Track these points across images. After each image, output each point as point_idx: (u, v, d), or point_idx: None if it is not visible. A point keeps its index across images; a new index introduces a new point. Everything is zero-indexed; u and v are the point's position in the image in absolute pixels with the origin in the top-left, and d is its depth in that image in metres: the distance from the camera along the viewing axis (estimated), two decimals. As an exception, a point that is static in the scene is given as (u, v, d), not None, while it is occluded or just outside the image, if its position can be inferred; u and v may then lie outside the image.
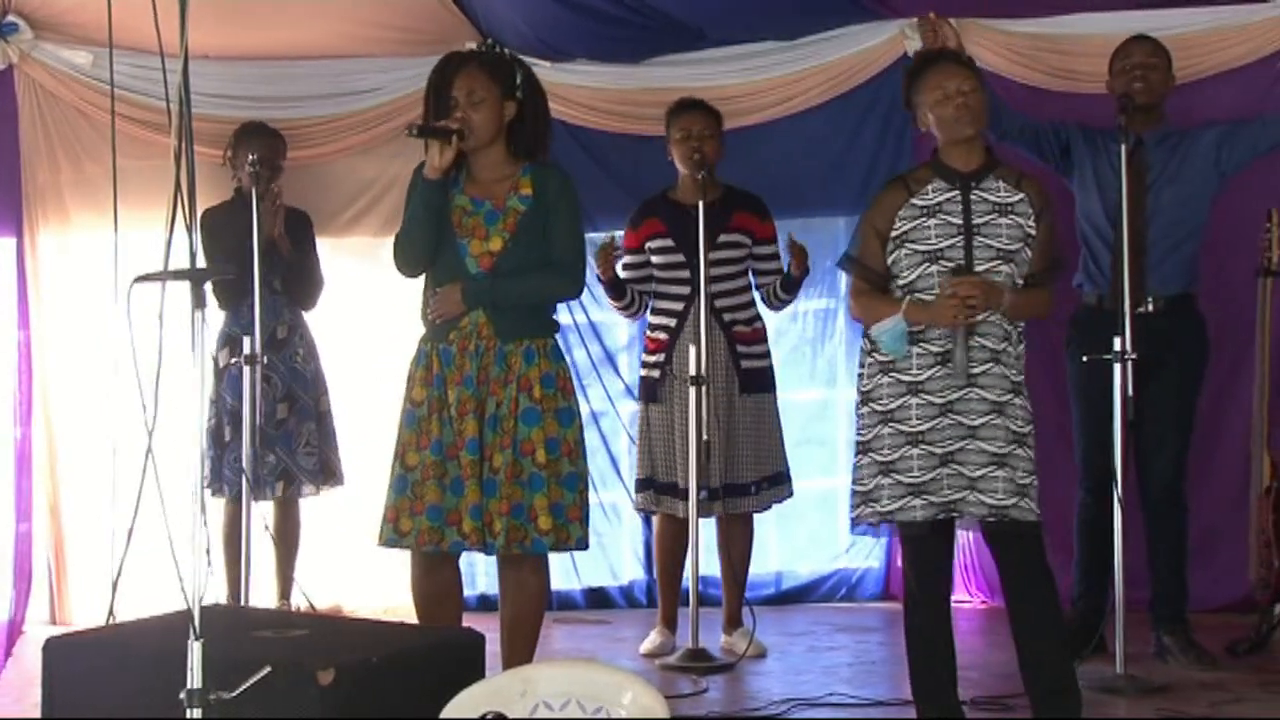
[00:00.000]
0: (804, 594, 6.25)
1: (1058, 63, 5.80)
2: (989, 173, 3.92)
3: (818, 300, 6.19)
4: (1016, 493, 3.83)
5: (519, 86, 4.12)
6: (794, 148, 6.15)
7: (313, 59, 6.03)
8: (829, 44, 6.08)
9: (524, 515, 4.01)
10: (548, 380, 4.08)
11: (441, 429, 4.05)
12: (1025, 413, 3.89)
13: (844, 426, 6.29)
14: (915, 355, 3.87)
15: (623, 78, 6.14)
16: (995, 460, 3.82)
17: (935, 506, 3.82)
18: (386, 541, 4.09)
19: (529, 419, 4.03)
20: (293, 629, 3.62)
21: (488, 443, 4.03)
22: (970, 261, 3.86)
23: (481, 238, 4.09)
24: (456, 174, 4.15)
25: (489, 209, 4.11)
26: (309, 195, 5.85)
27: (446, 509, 4.02)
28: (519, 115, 4.13)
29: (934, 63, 4.01)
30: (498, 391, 4.04)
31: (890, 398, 3.88)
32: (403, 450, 4.10)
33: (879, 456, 3.87)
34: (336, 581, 5.93)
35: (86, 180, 5.80)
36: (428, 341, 4.15)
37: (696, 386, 5.04)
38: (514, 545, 4.01)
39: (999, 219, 3.90)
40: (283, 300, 5.52)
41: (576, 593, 6.20)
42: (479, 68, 4.10)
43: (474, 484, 4.00)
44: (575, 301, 6.09)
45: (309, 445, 5.57)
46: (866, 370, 3.97)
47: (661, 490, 5.30)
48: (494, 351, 4.06)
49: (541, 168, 4.16)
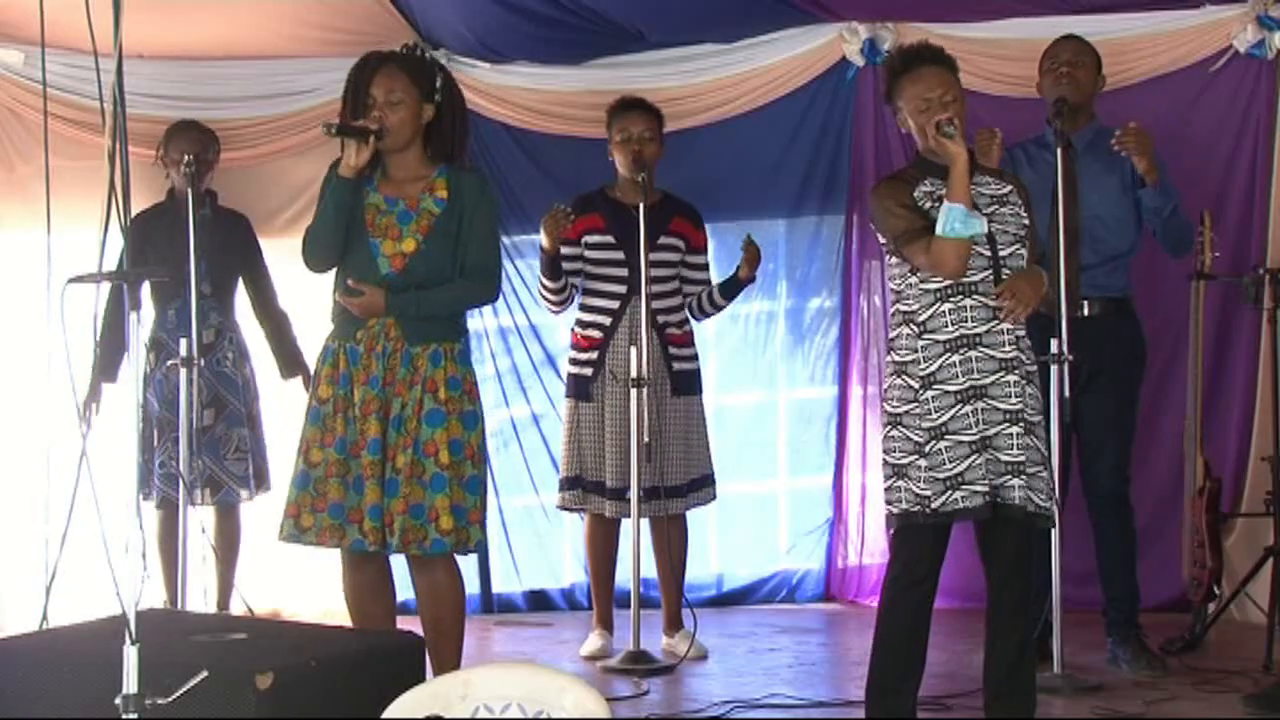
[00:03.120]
0: (744, 596, 6.27)
1: (992, 67, 5.85)
2: (973, 171, 3.92)
3: (759, 303, 6.21)
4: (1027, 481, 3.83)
5: (438, 89, 4.13)
6: (733, 150, 6.17)
7: (249, 59, 5.99)
8: (768, 47, 6.10)
9: (424, 516, 4.00)
10: (453, 383, 4.07)
11: (345, 427, 4.04)
12: (1035, 400, 3.90)
13: (784, 429, 6.32)
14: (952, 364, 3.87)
15: (562, 79, 6.14)
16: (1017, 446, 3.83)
17: (980, 495, 3.81)
18: (287, 536, 4.08)
19: (433, 420, 4.02)
20: (231, 633, 3.58)
21: (391, 443, 4.02)
22: (995, 246, 3.87)
23: (395, 238, 4.08)
24: (371, 173, 4.14)
25: (402, 209, 4.11)
26: (245, 197, 5.80)
27: (348, 507, 4.02)
28: (437, 118, 4.14)
29: (916, 66, 3.95)
30: (403, 393, 4.03)
31: (938, 409, 3.85)
32: (306, 447, 4.08)
33: (929, 463, 3.83)
34: (275, 586, 5.88)
35: (18, 180, 5.73)
36: (335, 339, 4.13)
37: (638, 388, 5.03)
38: (411, 545, 4.00)
39: (1001, 209, 3.93)
40: (210, 304, 5.44)
41: (517, 595, 6.19)
42: (398, 68, 4.11)
43: (374, 484, 3.99)
44: (515, 303, 6.12)
45: (238, 451, 5.48)
46: (896, 393, 3.93)
47: (589, 489, 5.30)
48: (401, 353, 4.05)
49: (458, 171, 4.16)
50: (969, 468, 3.79)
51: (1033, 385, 3.90)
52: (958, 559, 4.16)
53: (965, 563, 4.41)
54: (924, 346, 3.87)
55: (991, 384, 3.83)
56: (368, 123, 4.04)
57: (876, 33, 5.99)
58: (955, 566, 4.21)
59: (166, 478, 5.30)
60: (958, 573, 4.69)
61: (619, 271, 5.26)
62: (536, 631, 5.84)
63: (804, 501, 6.30)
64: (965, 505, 3.79)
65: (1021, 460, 3.82)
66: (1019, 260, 3.91)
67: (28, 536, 5.56)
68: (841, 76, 6.12)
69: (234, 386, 5.50)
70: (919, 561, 3.90)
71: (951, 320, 3.85)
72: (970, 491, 3.79)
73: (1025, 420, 3.85)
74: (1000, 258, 3.88)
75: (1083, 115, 5.05)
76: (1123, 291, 5.08)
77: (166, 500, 5.32)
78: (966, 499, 3.79)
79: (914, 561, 3.91)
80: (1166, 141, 5.15)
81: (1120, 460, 5.04)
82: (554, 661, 5.15)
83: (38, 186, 5.39)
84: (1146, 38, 5.75)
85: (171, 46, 5.74)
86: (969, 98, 5.69)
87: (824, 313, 6.26)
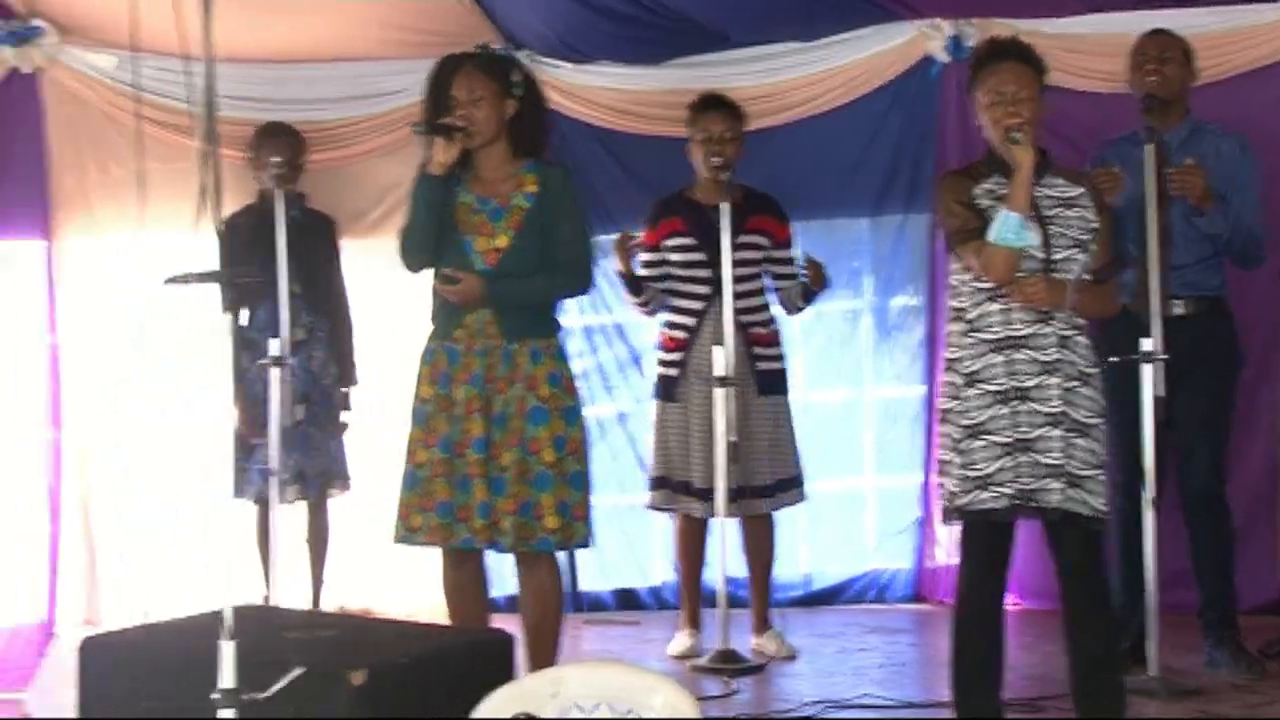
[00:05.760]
0: (833, 595, 6.22)
1: (1080, 63, 5.77)
2: (1046, 171, 3.89)
3: (844, 300, 6.17)
4: (1072, 483, 3.79)
5: (516, 85, 4.18)
6: (815, 149, 6.13)
7: (335, 61, 6.03)
8: (850, 45, 6.06)
9: (531, 513, 4.04)
10: (554, 379, 4.12)
11: (449, 426, 4.08)
12: (1091, 403, 3.84)
13: (870, 427, 6.28)
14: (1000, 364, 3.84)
15: (644, 79, 6.14)
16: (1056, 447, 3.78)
17: (1006, 497, 3.79)
18: (400, 538, 4.14)
19: (536, 418, 4.07)
20: (323, 630, 3.62)
21: (495, 441, 4.06)
22: (1049, 249, 3.83)
23: (487, 235, 4.14)
24: (461, 173, 4.19)
25: (494, 206, 4.16)
26: (332, 198, 5.86)
27: (456, 505, 4.06)
28: (519, 113, 4.18)
29: (997, 59, 3.93)
30: (504, 390, 4.08)
31: (978, 409, 3.83)
32: (412, 447, 4.14)
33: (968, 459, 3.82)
34: (367, 583, 5.92)
35: (112, 183, 5.81)
36: (435, 339, 4.19)
37: (723, 388, 5.02)
38: (522, 543, 4.05)
39: (1066, 212, 3.88)
40: (300, 303, 5.47)
41: (606, 594, 6.19)
42: (475, 68, 4.17)
43: (481, 482, 4.03)
44: (601, 302, 6.12)
45: (319, 449, 5.51)
46: (945, 389, 3.93)
47: (676, 489, 5.30)
48: (500, 351, 4.10)
49: (544, 165, 4.22)
50: (999, 469, 3.77)
51: (1089, 387, 3.85)
52: (1045, 560, 4.12)
53: (1053, 564, 4.35)
54: (971, 344, 3.86)
55: (1034, 387, 3.79)
56: (454, 120, 4.09)
57: (960, 29, 5.93)
58: (1044, 567, 4.17)
59: (260, 475, 5.35)
60: (1046, 574, 4.63)
61: (702, 273, 5.26)
62: (624, 630, 5.85)
63: (892, 501, 6.25)
64: (990, 506, 3.78)
65: (1060, 464, 3.77)
66: (1073, 265, 3.85)
67: (128, 532, 5.66)
68: (925, 74, 6.07)
69: (321, 387, 5.55)
70: (982, 561, 3.89)
71: (999, 320, 3.83)
72: (998, 493, 3.77)
73: (1073, 422, 3.80)
74: (1053, 261, 3.84)
75: (1175, 111, 4.97)
76: (1217, 291, 4.99)
77: (262, 497, 5.38)
78: (994, 500, 3.77)
79: (977, 561, 3.90)
80: (1266, 135, 5.05)
81: (1214, 460, 4.96)
82: (641, 660, 5.15)
83: (132, 190, 5.53)
84: (1242, 30, 5.65)
85: (260, 49, 5.80)
86: (1057, 95, 5.66)
87: (910, 311, 6.22)
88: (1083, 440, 3.81)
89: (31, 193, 5.76)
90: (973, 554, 3.90)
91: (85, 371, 5.82)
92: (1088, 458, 3.81)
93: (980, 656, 3.89)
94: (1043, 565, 4.14)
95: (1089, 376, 3.86)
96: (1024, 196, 3.76)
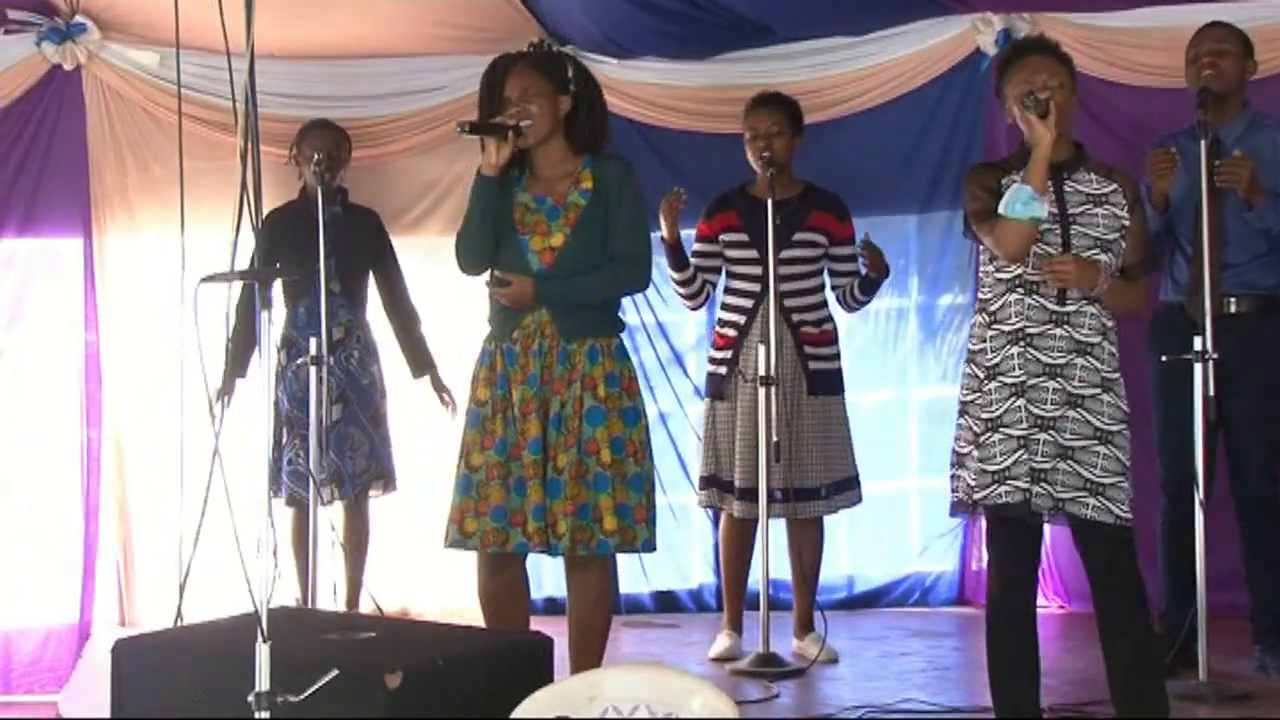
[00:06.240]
0: (876, 598, 6.20)
1: (1135, 57, 5.71)
2: (1079, 165, 3.86)
3: (889, 299, 6.12)
4: (1089, 490, 3.75)
5: (571, 80, 4.15)
6: (863, 145, 6.10)
7: (377, 57, 6.04)
8: (898, 39, 6.02)
9: (589, 516, 4.00)
10: (612, 379, 4.08)
11: (505, 429, 4.05)
12: (1114, 409, 3.80)
13: (915, 428, 6.24)
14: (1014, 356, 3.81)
15: (690, 75, 6.12)
16: (1061, 453, 3.75)
17: (1021, 492, 3.75)
18: (452, 543, 4.10)
19: (593, 418, 4.03)
20: (360, 632, 3.61)
21: (552, 442, 4.03)
22: (1068, 248, 3.80)
23: (543, 234, 4.11)
24: (519, 173, 4.16)
25: (550, 205, 4.13)
26: (374, 195, 5.86)
27: (511, 509, 4.02)
28: (574, 110, 4.15)
29: (1023, 54, 3.92)
30: (561, 391, 4.04)
31: (995, 401, 3.79)
32: (467, 450, 4.10)
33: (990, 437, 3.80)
34: (403, 585, 5.93)
35: (153, 182, 5.84)
36: (492, 341, 4.16)
37: (765, 387, 4.99)
38: (579, 546, 4.00)
39: (1094, 209, 3.84)
40: (339, 301, 5.48)
41: (645, 596, 6.18)
42: (529, 66, 4.14)
43: (537, 484, 4.00)
44: (643, 301, 6.10)
45: (353, 449, 5.48)
46: (965, 381, 3.91)
47: (724, 488, 5.27)
48: (557, 350, 4.06)
49: (602, 160, 4.18)
50: (1014, 462, 3.74)
51: (1110, 393, 3.80)
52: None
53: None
54: (991, 337, 3.84)
55: (1033, 386, 3.76)
56: (505, 119, 4.05)
57: (1012, 23, 5.86)
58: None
59: (295, 475, 5.36)
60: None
61: (753, 270, 5.22)
62: (664, 632, 5.83)
63: (936, 503, 6.16)
64: (1006, 500, 3.75)
65: (1044, 468, 3.72)
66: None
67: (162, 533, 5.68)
68: (974, 69, 6.02)
69: (357, 385, 5.53)
70: (1008, 562, 3.86)
71: (1015, 312, 3.80)
72: (1013, 487, 3.74)
73: (1095, 430, 3.75)
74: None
75: (1232, 106, 4.90)
76: (1272, 289, 4.91)
77: (295, 498, 5.39)
78: (1009, 494, 3.74)
79: (1004, 562, 3.87)
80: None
81: (1269, 461, 4.89)
82: (682, 663, 5.13)
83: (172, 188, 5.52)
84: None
85: (302, 46, 5.82)
86: (1110, 90, 5.69)
87: (956, 309, 6.17)
88: (1104, 448, 3.77)
89: (71, 190, 5.80)
90: (998, 552, 3.88)
91: (124, 371, 5.86)
92: (1111, 465, 3.77)
93: (1011, 655, 3.86)
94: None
95: (1112, 383, 3.82)
96: (1040, 172, 3.73)
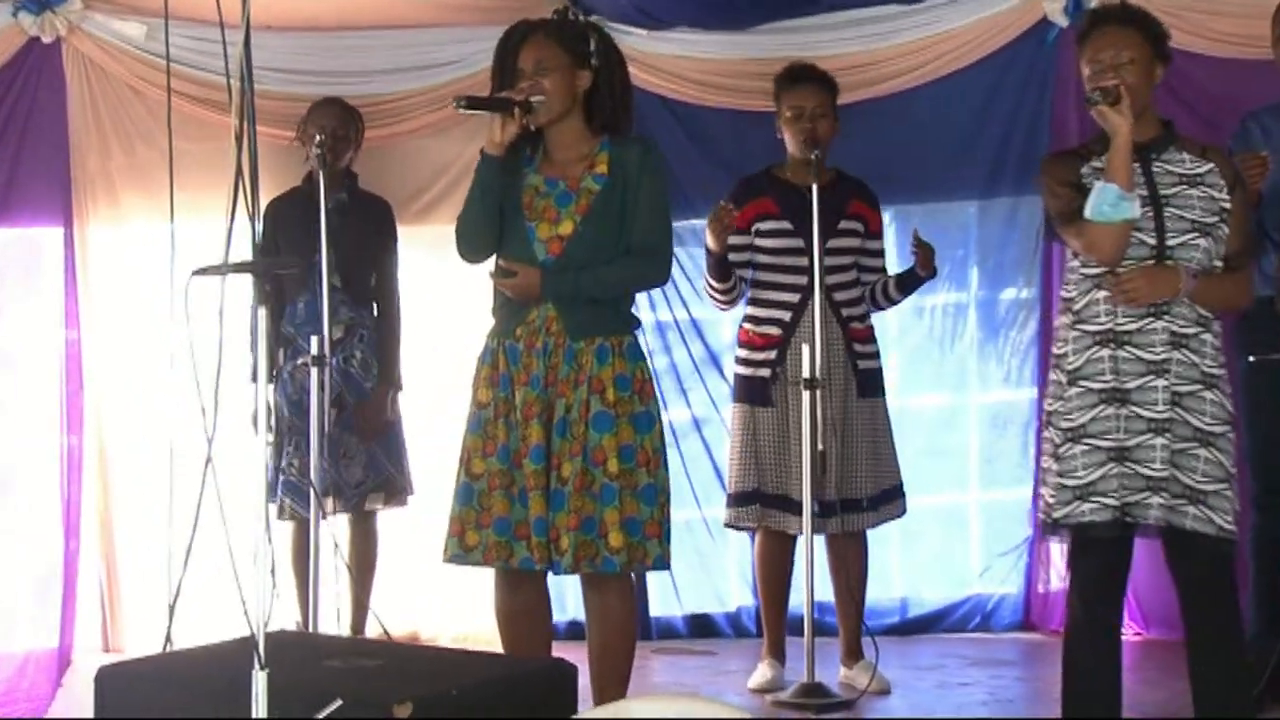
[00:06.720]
0: (932, 623, 6.19)
1: (1216, 26, 5.68)
2: (1169, 144, 3.84)
3: (946, 294, 6.12)
4: (1189, 498, 3.74)
5: (593, 54, 4.13)
6: (917, 124, 6.09)
7: (385, 29, 6.03)
8: (957, 8, 6.01)
9: (594, 531, 3.99)
10: (622, 381, 4.06)
11: (508, 434, 4.05)
12: (1216, 408, 3.79)
13: (975, 436, 6.23)
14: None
15: (727, 46, 6.10)
16: (1169, 458, 3.74)
17: (1110, 510, 3.74)
18: (452, 557, 4.11)
19: (601, 424, 4.02)
20: (366, 658, 3.61)
21: (556, 450, 4.02)
22: (1163, 234, 3.79)
23: (551, 220, 4.10)
24: (531, 153, 4.15)
25: (562, 190, 4.12)
26: (381, 179, 5.86)
27: (515, 521, 4.03)
28: (594, 86, 4.13)
29: (1099, 25, 3.90)
30: (567, 393, 4.03)
31: (1078, 409, 3.80)
32: (467, 457, 4.11)
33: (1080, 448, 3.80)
34: (413, 606, 5.94)
35: (139, 165, 5.84)
36: (494, 337, 4.16)
37: (811, 390, 4.97)
38: (583, 564, 3.99)
39: (1189, 190, 3.83)
40: (340, 297, 5.46)
41: (678, 619, 6.17)
42: (547, 36, 4.12)
43: (539, 495, 4.00)
44: (675, 296, 6.09)
45: (347, 457, 5.47)
46: (1050, 389, 3.92)
47: (769, 504, 5.25)
48: (563, 350, 4.05)
49: (621, 141, 4.15)
50: (1102, 477, 3.73)
51: (1214, 391, 3.80)
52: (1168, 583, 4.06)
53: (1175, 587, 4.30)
54: (1074, 338, 3.84)
55: (1136, 389, 3.75)
56: (512, 94, 4.04)
57: (1082, -12, 5.85)
58: (1166, 591, 4.12)
59: (290, 487, 5.35)
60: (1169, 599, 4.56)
61: (798, 261, 5.19)
62: (699, 660, 5.83)
63: (999, 518, 6.20)
64: (1091, 519, 3.74)
65: (1163, 476, 3.72)
66: (1192, 250, 3.80)
67: (150, 549, 5.69)
68: (1041, 39, 6.00)
69: (359, 388, 5.53)
70: (1092, 580, 3.86)
71: (1105, 311, 3.80)
72: (1100, 504, 3.73)
73: (1195, 431, 3.75)
74: (1168, 248, 3.78)
75: (1323, 81, 4.89)
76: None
77: (291, 512, 5.39)
78: (1095, 512, 3.73)
79: (1086, 581, 3.87)
80: None
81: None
82: (719, 694, 5.13)
83: (159, 172, 5.55)
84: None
85: (302, 16, 5.81)
86: (1189, 61, 5.65)
87: (1020, 304, 6.16)
88: (1206, 451, 3.76)
89: (51, 175, 5.80)
90: (1081, 572, 3.88)
91: (107, 372, 5.87)
92: (1213, 470, 3.76)
93: (1092, 687, 3.86)
94: (1165, 589, 4.09)
95: (1215, 379, 3.81)
96: (1122, 166, 3.72)
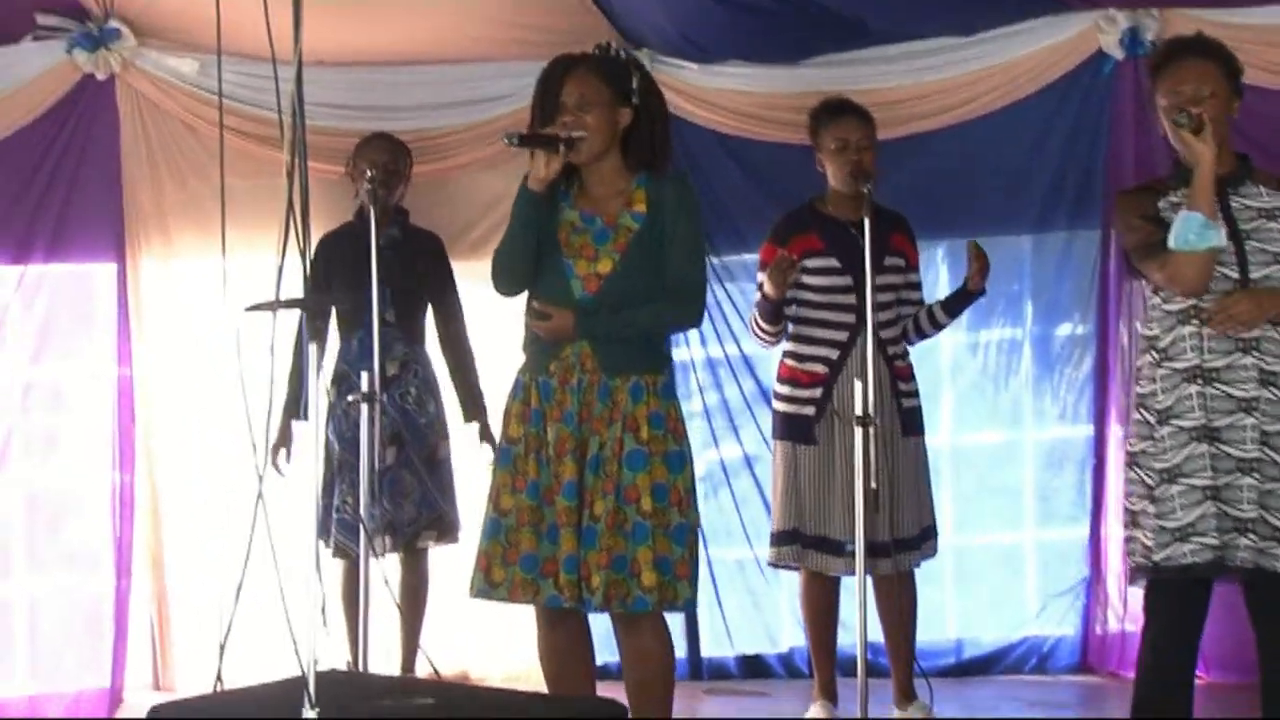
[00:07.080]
0: (988, 665, 6.13)
1: (1274, 57, 5.63)
2: (1245, 178, 3.81)
3: (1001, 329, 6.08)
4: (1274, 538, 3.69)
5: (635, 91, 4.13)
6: (970, 157, 6.06)
7: (437, 64, 6.06)
8: (1012, 40, 5.97)
9: (626, 569, 3.98)
10: (656, 420, 4.05)
11: (538, 470, 4.05)
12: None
13: (1030, 474, 6.17)
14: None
15: (779, 80, 6.09)
16: (1260, 500, 3.70)
17: (1210, 550, 3.69)
18: (478, 592, 4.11)
19: (634, 462, 4.01)
20: (416, 698, 3.60)
21: (588, 487, 4.02)
22: (1245, 267, 3.76)
23: (589, 258, 4.10)
24: (566, 188, 4.17)
25: (600, 226, 4.12)
26: (431, 213, 5.88)
27: (542, 558, 4.02)
28: (635, 124, 4.13)
29: (1171, 59, 3.89)
30: (600, 430, 4.03)
31: (1171, 449, 3.76)
32: (496, 492, 4.11)
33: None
34: (463, 645, 5.92)
35: (192, 200, 5.87)
36: (526, 373, 4.16)
37: (864, 428, 4.93)
38: (615, 603, 3.99)
39: (1269, 223, 3.80)
40: (394, 333, 5.47)
41: (729, 660, 6.14)
42: (589, 71, 4.13)
43: (570, 532, 3.99)
44: (726, 332, 6.07)
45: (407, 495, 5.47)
46: (1135, 429, 3.88)
47: (808, 544, 5.22)
48: (598, 387, 4.05)
49: (658, 178, 4.16)
50: (1200, 517, 3.69)
51: None
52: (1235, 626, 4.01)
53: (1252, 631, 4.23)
54: (1163, 376, 3.80)
55: (1225, 426, 3.70)
56: (556, 130, 4.05)
57: (1139, 20, 5.79)
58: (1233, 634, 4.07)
59: (343, 525, 5.35)
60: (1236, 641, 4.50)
61: (847, 299, 5.17)
62: (751, 701, 5.81)
63: (1055, 557, 6.13)
64: (1193, 560, 3.70)
65: (1252, 516, 3.68)
66: (1275, 283, 3.77)
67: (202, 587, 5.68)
68: (1097, 71, 5.96)
69: (414, 424, 5.53)
70: (1172, 625, 3.82)
71: (1192, 346, 3.76)
72: (1201, 545, 3.69)
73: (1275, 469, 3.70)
74: (1251, 280, 3.75)
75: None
76: None
77: (344, 550, 5.38)
78: (1196, 553, 3.69)
79: (1167, 625, 3.82)
80: None
81: None
82: (771, 735, 5.11)
83: (211, 207, 5.57)
84: None
85: (354, 52, 5.84)
86: (1248, 94, 5.60)
87: (1076, 340, 6.11)
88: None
89: (104, 211, 5.83)
90: (1162, 615, 3.83)
91: (160, 409, 5.88)
92: None
93: None
94: (1232, 632, 4.04)
95: None
96: (1205, 194, 3.68)
